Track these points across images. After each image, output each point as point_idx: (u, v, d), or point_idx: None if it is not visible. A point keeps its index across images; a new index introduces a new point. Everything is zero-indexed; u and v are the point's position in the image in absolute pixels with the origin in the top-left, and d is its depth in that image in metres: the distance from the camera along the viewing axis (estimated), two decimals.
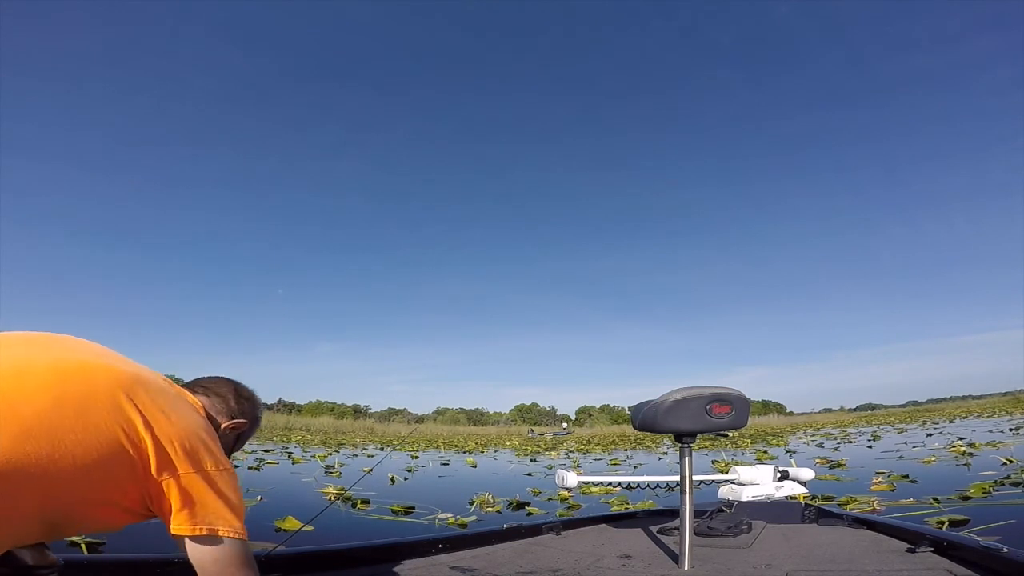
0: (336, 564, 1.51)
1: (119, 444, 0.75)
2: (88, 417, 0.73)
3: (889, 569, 1.39)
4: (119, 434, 0.75)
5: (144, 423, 0.78)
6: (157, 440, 0.79)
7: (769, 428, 25.69)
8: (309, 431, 23.45)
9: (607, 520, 2.29)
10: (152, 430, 0.79)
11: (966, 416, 21.71)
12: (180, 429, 0.84)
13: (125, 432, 0.76)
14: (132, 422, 0.77)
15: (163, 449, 0.80)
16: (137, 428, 0.77)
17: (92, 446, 0.72)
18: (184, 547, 0.85)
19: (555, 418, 67.60)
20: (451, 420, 55.98)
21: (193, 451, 0.84)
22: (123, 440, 0.75)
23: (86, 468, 0.72)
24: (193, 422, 0.89)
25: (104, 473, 0.74)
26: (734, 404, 1.56)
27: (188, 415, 0.89)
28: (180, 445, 0.82)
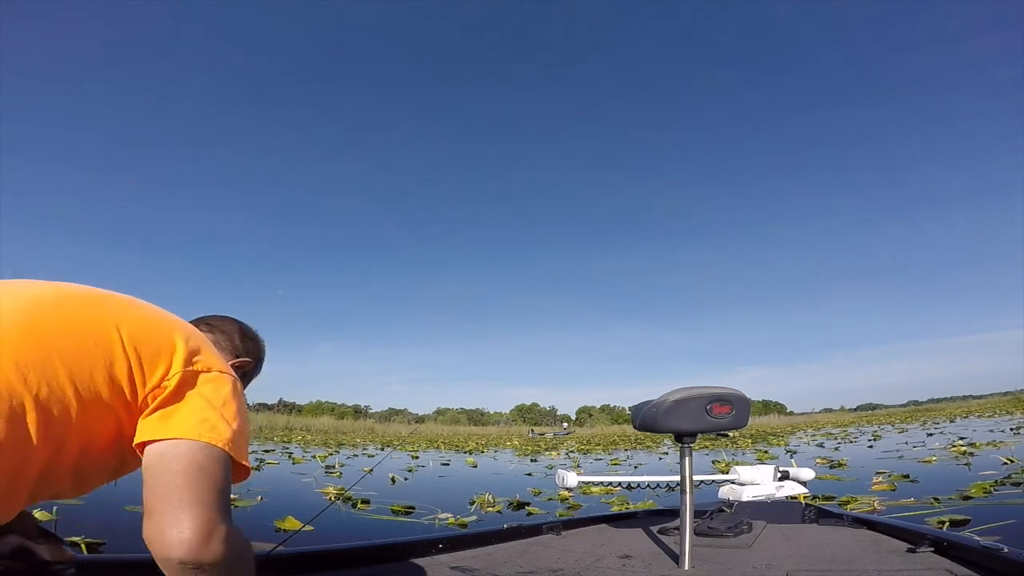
0: (336, 564, 1.51)
1: (109, 357, 0.70)
2: (74, 338, 0.68)
3: (889, 569, 1.39)
4: (108, 348, 0.70)
5: (129, 331, 0.72)
6: (142, 341, 0.73)
7: (769, 428, 25.69)
8: (309, 431, 23.45)
9: (607, 520, 2.29)
10: (137, 333, 0.73)
11: (967, 416, 21.70)
12: (167, 329, 0.77)
13: (111, 344, 0.70)
14: (117, 331, 0.72)
15: (148, 349, 0.73)
16: (122, 336, 0.72)
17: (84, 368, 0.67)
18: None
19: (555, 418, 67.61)
20: (451, 420, 56.02)
21: (184, 351, 0.76)
22: (113, 351, 0.70)
23: (84, 393, 0.67)
24: (183, 326, 0.82)
25: (99, 397, 0.69)
26: (734, 404, 1.56)
27: (178, 321, 0.82)
28: (166, 344, 0.75)
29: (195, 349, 0.78)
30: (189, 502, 0.68)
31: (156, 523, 0.67)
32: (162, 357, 0.74)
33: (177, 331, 0.78)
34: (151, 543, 0.67)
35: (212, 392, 0.76)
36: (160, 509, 0.68)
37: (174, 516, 0.67)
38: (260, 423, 25.53)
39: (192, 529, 0.66)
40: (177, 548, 0.66)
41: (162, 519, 0.67)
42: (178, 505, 0.67)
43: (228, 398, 0.78)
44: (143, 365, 0.72)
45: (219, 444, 0.72)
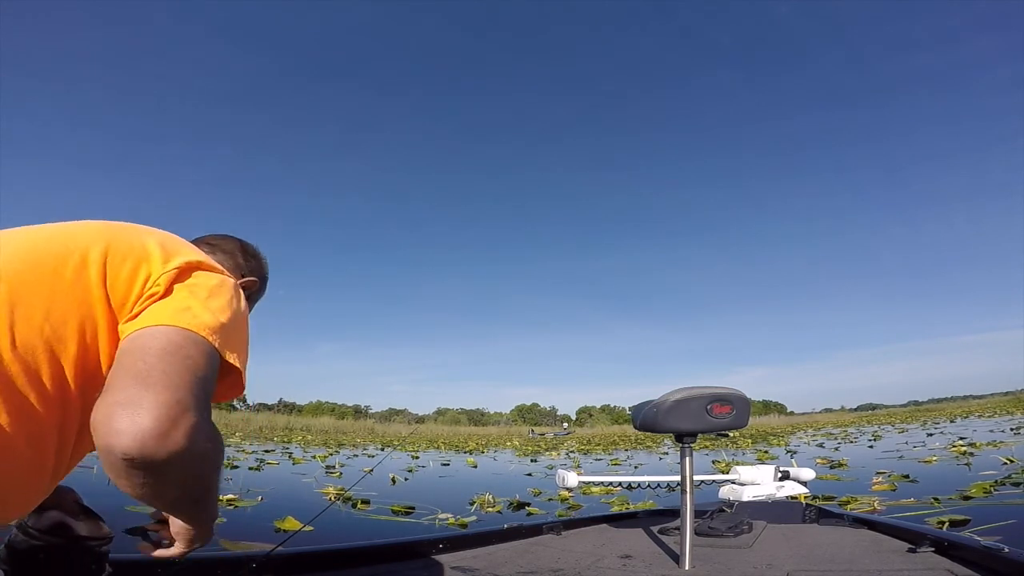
0: (337, 564, 1.51)
1: (87, 289, 0.62)
2: (49, 280, 0.61)
3: (890, 569, 1.39)
4: (85, 280, 0.62)
5: (101, 252, 0.65)
6: (117, 258, 0.65)
7: (769, 428, 25.70)
8: (310, 431, 23.45)
9: (608, 520, 2.29)
10: (110, 254, 0.66)
11: (967, 416, 21.69)
12: (139, 239, 0.69)
13: (87, 273, 0.63)
14: (91, 258, 0.64)
15: (125, 265, 0.65)
16: (103, 259, 0.65)
17: (69, 309, 0.60)
18: None
19: (555, 418, 67.62)
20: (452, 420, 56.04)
21: (159, 254, 0.68)
22: (90, 281, 0.62)
23: (76, 333, 0.60)
24: (157, 232, 0.74)
25: (92, 333, 0.61)
26: (735, 404, 1.56)
27: (151, 230, 0.75)
28: (141, 254, 0.67)
29: (171, 250, 0.71)
30: (156, 380, 0.54)
31: (109, 401, 0.53)
32: (140, 267, 0.66)
33: (149, 237, 0.71)
34: (96, 427, 0.52)
35: (196, 286, 0.68)
36: (118, 385, 0.54)
37: (134, 393, 0.53)
38: (260, 423, 25.53)
39: (152, 413, 0.51)
40: (126, 436, 0.50)
41: (117, 395, 0.53)
42: (142, 382, 0.54)
43: (215, 290, 0.69)
44: (121, 281, 0.64)
45: (200, 332, 0.61)
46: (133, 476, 0.53)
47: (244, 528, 3.20)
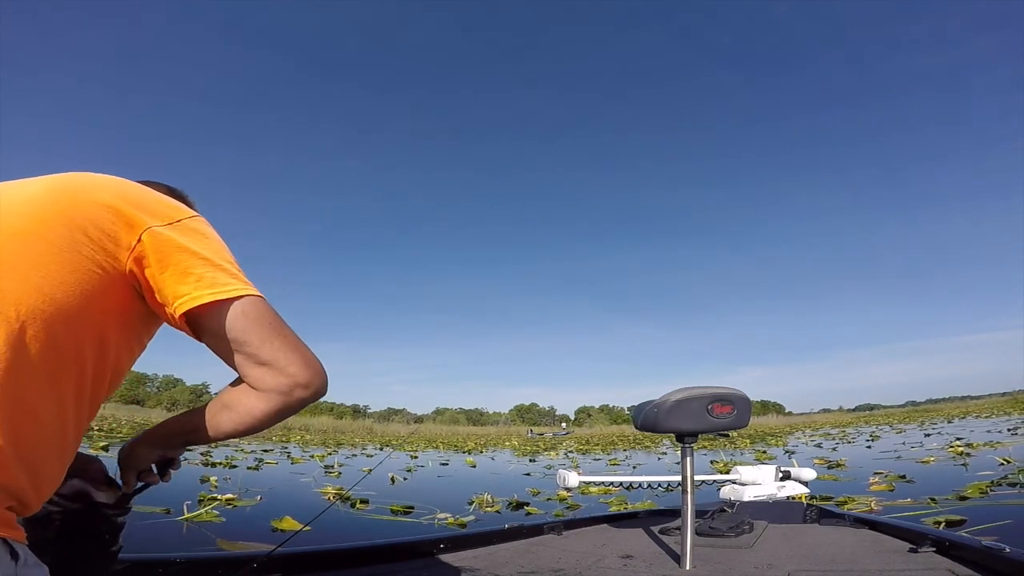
0: (338, 564, 1.51)
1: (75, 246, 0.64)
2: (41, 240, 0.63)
3: (891, 569, 1.39)
4: (71, 237, 0.64)
5: (84, 212, 0.67)
6: (96, 217, 0.67)
7: (768, 428, 25.76)
8: (308, 431, 23.43)
9: (608, 520, 2.29)
10: (91, 210, 0.67)
11: (964, 416, 21.77)
12: (106, 195, 0.70)
13: (73, 231, 0.65)
14: (74, 217, 0.66)
15: (106, 220, 0.67)
16: (82, 213, 0.67)
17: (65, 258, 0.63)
18: (200, 329, 0.71)
19: (554, 418, 67.67)
20: (450, 420, 56.02)
21: (139, 206, 0.71)
22: (77, 239, 0.64)
23: (71, 294, 0.63)
24: (117, 183, 0.75)
25: (89, 279, 0.64)
26: (736, 404, 1.56)
27: (110, 181, 0.76)
28: (114, 210, 0.69)
29: (141, 202, 0.73)
30: (297, 339, 0.73)
31: (296, 360, 0.70)
32: (122, 226, 0.69)
33: (113, 190, 0.73)
34: (304, 384, 0.70)
35: (203, 237, 0.74)
36: (286, 350, 0.70)
37: (302, 353, 0.71)
38: None
39: (317, 360, 0.73)
40: (323, 381, 0.72)
41: (296, 356, 0.70)
42: (297, 345, 0.72)
43: (215, 238, 0.77)
44: (106, 240, 0.67)
45: (253, 291, 0.74)
46: (299, 409, 0.73)
47: (243, 528, 3.19)
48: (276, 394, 0.70)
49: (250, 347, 0.70)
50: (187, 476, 5.60)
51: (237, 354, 0.71)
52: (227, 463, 7.03)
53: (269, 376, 0.70)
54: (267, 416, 0.72)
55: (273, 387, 0.70)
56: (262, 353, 0.70)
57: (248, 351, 0.70)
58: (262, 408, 0.71)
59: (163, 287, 0.70)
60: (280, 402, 0.71)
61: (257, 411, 0.72)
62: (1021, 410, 21.70)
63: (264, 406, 0.71)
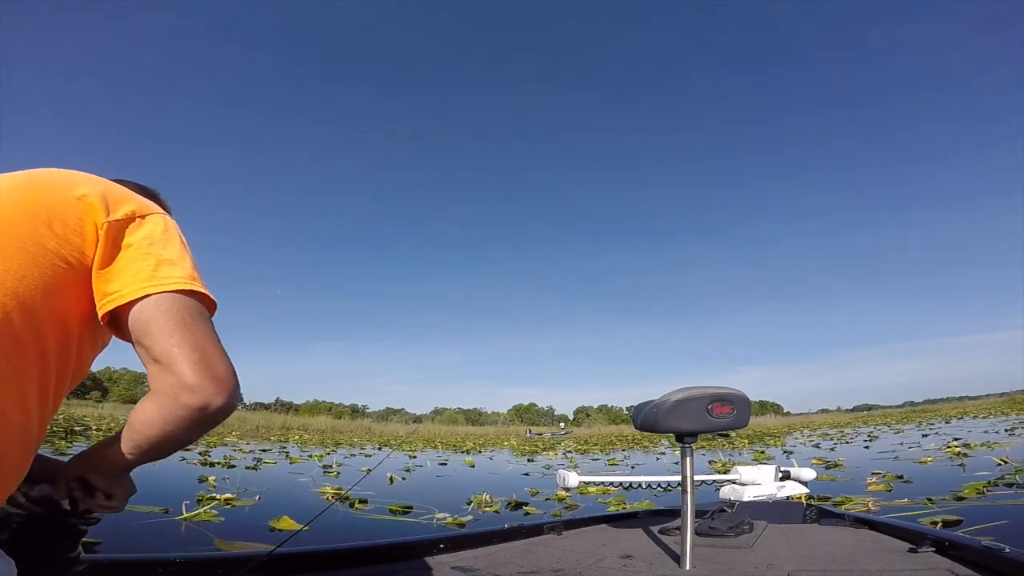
0: (338, 564, 1.50)
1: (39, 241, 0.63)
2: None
3: (891, 569, 1.39)
4: (35, 233, 0.63)
5: (46, 208, 0.66)
6: (59, 212, 0.66)
7: (766, 428, 25.76)
8: (307, 431, 23.37)
9: (608, 520, 2.29)
10: (53, 206, 0.66)
11: (962, 417, 21.81)
12: (73, 188, 0.69)
13: (36, 228, 0.64)
14: (36, 213, 0.65)
15: (69, 215, 0.66)
16: (45, 214, 0.65)
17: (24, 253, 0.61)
18: (121, 330, 0.66)
19: (553, 418, 67.65)
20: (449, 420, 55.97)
21: (100, 203, 0.69)
22: (40, 234, 0.64)
23: (38, 292, 0.61)
24: (84, 178, 0.73)
25: (50, 275, 0.63)
26: (735, 404, 1.57)
27: (77, 175, 0.74)
28: (80, 202, 0.67)
29: (107, 195, 0.72)
30: (209, 343, 0.63)
31: (190, 363, 0.60)
32: (88, 218, 0.67)
33: (81, 184, 0.71)
34: (191, 389, 0.60)
35: (159, 237, 0.71)
36: (187, 350, 0.61)
37: (205, 357, 0.61)
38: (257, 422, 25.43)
39: (228, 369, 0.63)
40: (222, 394, 0.61)
41: (195, 357, 0.61)
42: (204, 348, 0.62)
43: (169, 235, 0.73)
44: (70, 234, 0.66)
45: (200, 288, 0.68)
46: (205, 427, 0.62)
47: (241, 528, 3.19)
48: (163, 397, 0.61)
49: (147, 339, 0.63)
50: (185, 476, 5.59)
51: (138, 347, 0.64)
52: (225, 463, 7.02)
53: (158, 375, 0.61)
54: (153, 425, 0.62)
55: (160, 387, 0.61)
56: (155, 347, 0.62)
57: (146, 343, 0.63)
58: (149, 414, 0.62)
59: (98, 284, 0.67)
60: (166, 408, 0.60)
61: (145, 417, 0.62)
62: (1018, 410, 21.76)
63: (151, 411, 0.62)
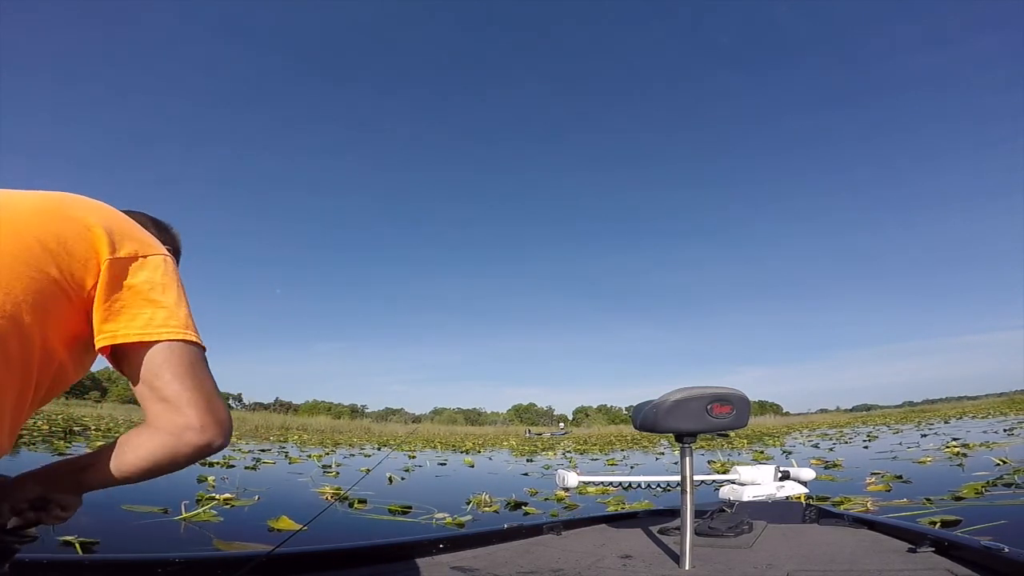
0: (338, 564, 1.50)
1: (39, 265, 0.66)
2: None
3: (890, 569, 1.39)
4: (35, 257, 0.66)
5: (52, 231, 0.68)
6: (65, 240, 0.68)
7: (765, 428, 25.77)
8: (306, 431, 23.35)
9: (608, 520, 2.29)
10: (59, 232, 0.69)
11: (961, 417, 21.84)
12: (83, 219, 0.71)
13: (36, 252, 0.66)
14: (38, 237, 0.67)
15: (76, 246, 0.69)
16: (44, 240, 0.68)
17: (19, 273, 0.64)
18: (120, 363, 0.71)
19: (552, 418, 67.65)
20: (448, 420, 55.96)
21: (106, 238, 0.71)
22: (40, 259, 0.66)
23: (22, 297, 0.63)
24: (98, 208, 0.76)
25: (36, 297, 0.65)
26: (735, 404, 1.56)
27: (92, 204, 0.77)
28: (87, 234, 0.70)
29: (114, 230, 0.74)
30: (213, 391, 0.71)
31: (199, 408, 0.68)
32: (91, 251, 0.70)
33: (92, 214, 0.74)
34: (199, 430, 0.67)
35: (161, 280, 0.75)
36: (196, 396, 0.69)
37: (211, 402, 0.69)
38: (256, 422, 25.41)
39: (227, 414, 0.71)
40: (222, 436, 0.69)
41: (203, 404, 0.68)
42: (209, 395, 0.70)
43: (169, 278, 0.76)
44: (73, 263, 0.69)
45: (198, 339, 0.74)
46: (192, 460, 0.69)
47: (240, 527, 3.19)
48: (166, 434, 0.67)
49: (158, 381, 0.69)
50: (184, 475, 5.58)
51: (143, 386, 0.70)
52: (224, 463, 7.01)
53: (165, 413, 0.68)
54: (150, 457, 0.67)
55: (165, 425, 0.67)
56: (166, 389, 0.68)
57: (155, 385, 0.69)
58: (147, 447, 0.67)
59: (97, 317, 0.70)
60: (168, 444, 0.67)
61: (142, 450, 0.68)
62: (1017, 410, 21.79)
63: (150, 444, 0.67)
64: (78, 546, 2.28)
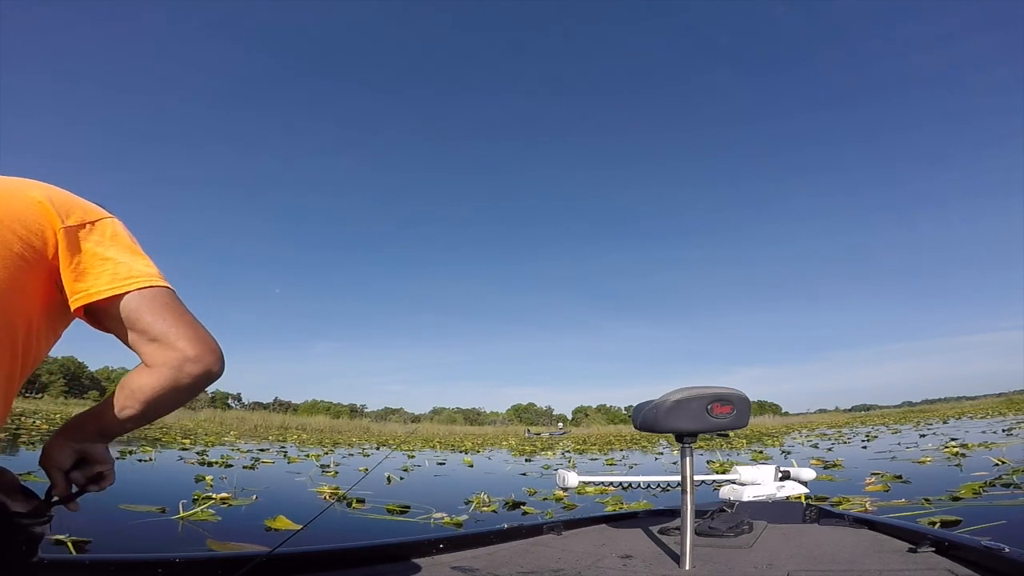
0: (338, 564, 1.50)
1: None
2: None
3: (890, 569, 1.39)
4: None
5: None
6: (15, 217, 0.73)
7: (764, 429, 25.78)
8: (305, 430, 23.32)
9: (608, 520, 2.28)
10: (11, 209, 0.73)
11: (959, 417, 21.86)
12: (27, 192, 0.76)
13: None
14: None
15: (28, 218, 0.73)
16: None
17: None
18: (99, 320, 0.76)
19: (551, 418, 67.64)
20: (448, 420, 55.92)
21: (57, 205, 0.77)
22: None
23: None
24: (36, 184, 0.81)
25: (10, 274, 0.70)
26: (735, 404, 1.56)
27: (29, 181, 0.81)
28: (35, 206, 0.75)
29: (58, 201, 0.79)
30: (195, 321, 0.76)
31: (190, 338, 0.72)
32: (44, 223, 0.75)
33: (34, 189, 0.79)
34: (196, 360, 0.71)
35: (120, 239, 0.81)
36: (183, 329, 0.73)
37: (198, 332, 0.74)
38: (255, 422, 25.38)
39: (214, 340, 0.75)
40: (218, 360, 0.73)
41: (191, 333, 0.73)
42: (194, 325, 0.74)
43: (124, 236, 0.82)
44: (32, 237, 0.73)
45: (163, 284, 0.78)
46: (196, 390, 0.74)
47: (238, 527, 3.18)
48: (166, 368, 0.71)
49: (142, 323, 0.73)
50: (182, 475, 5.57)
51: (131, 333, 0.74)
52: (223, 462, 7.00)
53: (159, 351, 0.72)
54: (157, 393, 0.72)
55: (163, 361, 0.72)
56: (153, 329, 0.73)
57: (140, 328, 0.73)
58: (152, 384, 0.72)
59: (66, 282, 0.75)
60: (170, 377, 0.71)
61: (148, 387, 0.72)
62: (1016, 411, 21.82)
63: (153, 382, 0.72)
64: (70, 545, 2.27)
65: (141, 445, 8.76)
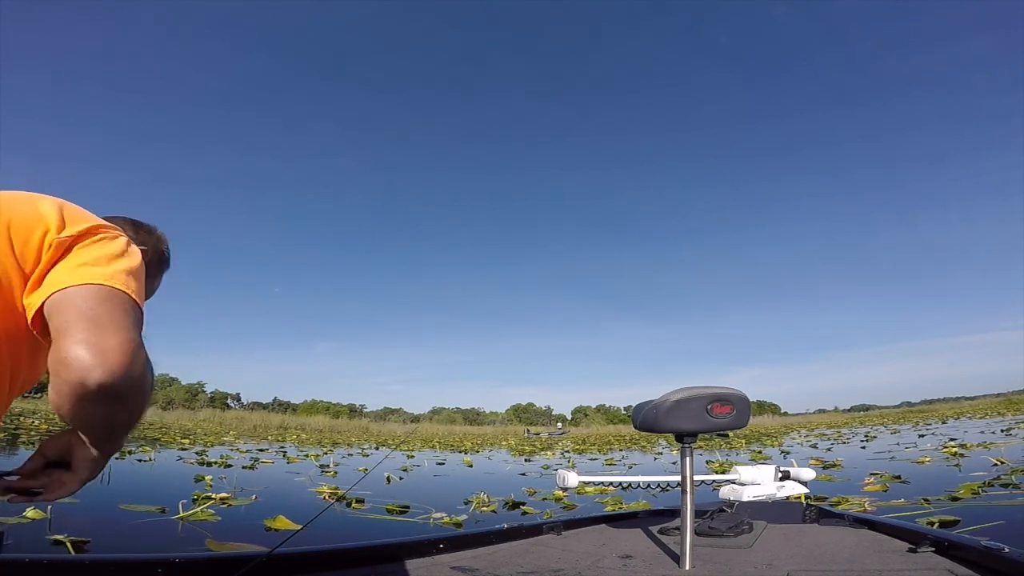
0: (338, 564, 1.50)
1: None
2: None
3: (890, 569, 1.39)
4: None
5: None
6: (14, 225, 0.68)
7: (763, 429, 25.80)
8: (304, 430, 23.31)
9: (608, 520, 2.28)
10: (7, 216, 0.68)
11: (958, 417, 21.89)
12: (31, 202, 0.71)
13: None
14: None
15: (20, 229, 0.68)
16: None
17: None
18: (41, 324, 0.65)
19: (551, 418, 67.60)
20: (447, 420, 55.86)
21: (55, 218, 0.71)
22: None
23: None
24: (46, 197, 0.75)
25: None
26: (735, 404, 1.56)
27: (40, 195, 0.76)
28: (35, 216, 0.70)
29: (63, 212, 0.73)
30: (108, 323, 0.62)
31: (76, 339, 0.59)
32: (40, 232, 0.69)
33: (44, 203, 0.73)
34: (66, 363, 0.58)
35: (98, 250, 0.71)
36: (76, 328, 0.60)
37: (94, 333, 0.60)
38: (255, 421, 25.37)
39: (118, 347, 0.60)
40: (100, 367, 0.58)
41: (81, 336, 0.59)
42: (97, 325, 0.61)
43: (117, 253, 0.72)
44: (18, 245, 0.67)
45: (121, 287, 0.67)
46: (100, 404, 0.61)
47: (238, 527, 3.18)
48: (51, 372, 0.62)
49: (52, 319, 0.64)
50: (182, 475, 5.57)
51: None
52: (222, 462, 7.00)
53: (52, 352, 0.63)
54: (54, 404, 0.62)
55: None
56: (52, 322, 0.64)
57: (51, 324, 0.64)
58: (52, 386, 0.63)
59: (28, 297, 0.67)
60: (53, 385, 0.61)
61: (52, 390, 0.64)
62: (1015, 411, 21.84)
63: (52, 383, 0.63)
64: (70, 545, 2.26)
65: (140, 445, 8.76)
